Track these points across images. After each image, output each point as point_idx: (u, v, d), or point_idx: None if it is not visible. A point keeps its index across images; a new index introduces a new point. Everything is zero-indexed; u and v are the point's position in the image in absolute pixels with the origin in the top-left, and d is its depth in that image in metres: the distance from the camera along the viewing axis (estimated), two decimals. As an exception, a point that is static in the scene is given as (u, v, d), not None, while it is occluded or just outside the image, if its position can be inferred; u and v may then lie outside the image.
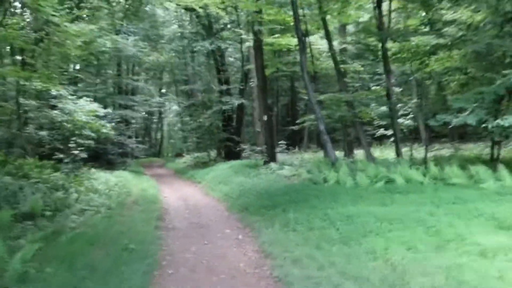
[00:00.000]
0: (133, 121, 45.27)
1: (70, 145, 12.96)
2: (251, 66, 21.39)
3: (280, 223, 8.05)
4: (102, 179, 13.33)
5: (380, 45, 13.26)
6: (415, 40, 12.56)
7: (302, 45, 13.42)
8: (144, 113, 33.91)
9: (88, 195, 10.44)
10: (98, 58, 25.35)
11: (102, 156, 26.28)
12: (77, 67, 26.80)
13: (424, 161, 12.51)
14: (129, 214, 9.59)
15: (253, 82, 22.12)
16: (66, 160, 12.71)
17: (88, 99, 16.08)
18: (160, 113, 53.37)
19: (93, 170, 17.46)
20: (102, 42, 20.22)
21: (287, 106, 37.51)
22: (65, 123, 13.89)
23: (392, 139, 21.17)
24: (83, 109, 14.59)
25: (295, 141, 28.30)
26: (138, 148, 32.45)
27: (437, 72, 14.75)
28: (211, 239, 7.92)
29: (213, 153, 27.36)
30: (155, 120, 57.68)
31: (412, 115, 15.76)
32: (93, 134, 14.81)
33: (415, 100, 15.81)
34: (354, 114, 14.38)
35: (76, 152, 12.60)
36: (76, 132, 13.47)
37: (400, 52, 13.68)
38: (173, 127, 53.73)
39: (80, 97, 16.02)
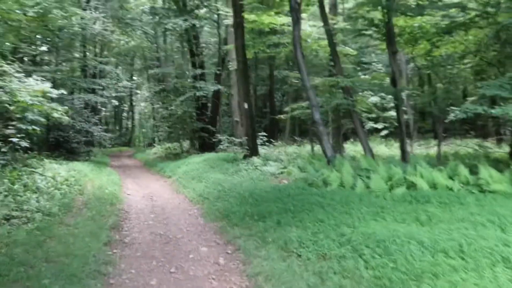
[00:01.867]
0: (99, 107, 42.51)
1: (8, 131, 10.49)
2: (230, 46, 19.10)
3: (276, 242, 5.93)
4: (50, 173, 10.90)
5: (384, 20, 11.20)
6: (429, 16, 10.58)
7: (296, 17, 11.24)
8: (109, 98, 31.09)
9: (23, 195, 8.05)
10: (57, 35, 22.64)
11: (63, 144, 23.70)
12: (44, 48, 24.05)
13: (438, 159, 10.62)
14: (73, 223, 7.27)
15: (232, 66, 19.84)
16: (3, 150, 10.25)
17: (38, 78, 13.52)
18: (131, 100, 50.54)
19: (45, 161, 14.96)
20: (59, 14, 17.67)
21: (264, 97, 35.35)
22: (5, 104, 11.34)
23: (383, 133, 19.44)
24: (29, 89, 12.04)
25: (273, 133, 26.25)
26: (104, 136, 29.71)
27: (444, 57, 12.90)
28: (181, 264, 5.72)
29: (186, 144, 25.00)
30: (125, 108, 54.77)
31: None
32: (42, 119, 12.30)
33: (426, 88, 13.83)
34: (352, 102, 12.34)
35: (15, 139, 10.15)
36: (17, 115, 10.98)
37: (406, 31, 11.69)
38: (144, 115, 50.92)
39: (30, 76, 13.44)
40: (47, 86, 13.44)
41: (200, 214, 9.14)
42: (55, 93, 13.54)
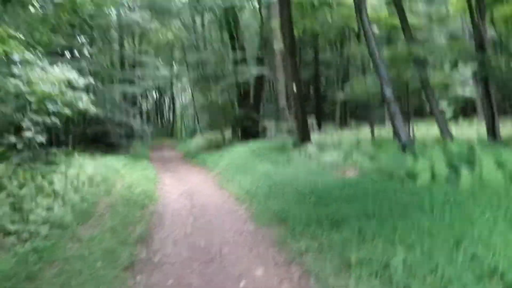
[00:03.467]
0: (140, 99, 41.69)
1: (24, 123, 9.06)
2: (274, 24, 17.13)
3: (365, 265, 4.04)
4: (75, 171, 9.43)
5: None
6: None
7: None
8: (147, 89, 29.98)
9: (31, 201, 6.52)
10: (90, 26, 21.39)
11: (101, 138, 22.67)
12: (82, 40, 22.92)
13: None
14: (88, 237, 5.65)
15: (276, 46, 17.86)
16: (19, 147, 8.85)
17: (66, 67, 12.14)
18: (172, 91, 49.58)
19: (76, 157, 13.66)
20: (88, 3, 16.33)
21: (308, 82, 33.19)
22: (26, 95, 9.96)
23: (448, 113, 17.03)
24: (51, 77, 10.63)
25: (319, 119, 24.21)
26: (144, 129, 28.59)
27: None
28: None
29: (228, 133, 23.34)
30: (167, 100, 53.98)
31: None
32: (66, 110, 10.85)
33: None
34: (425, 76, 10.17)
35: (29, 134, 8.70)
36: (34, 106, 9.55)
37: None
38: (186, 106, 49.84)
39: (54, 64, 12.07)
40: (73, 74, 12.09)
41: (249, 216, 7.34)
42: (81, 82, 12.16)
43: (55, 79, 9.92)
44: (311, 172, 8.96)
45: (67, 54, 22.20)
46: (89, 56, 24.79)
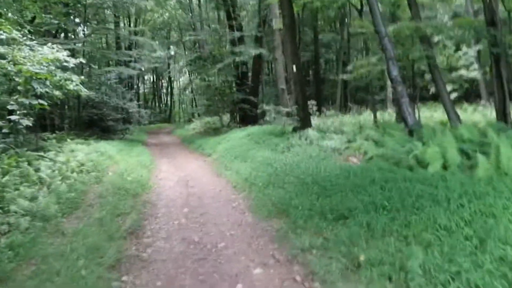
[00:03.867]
0: (137, 82, 40.98)
1: (10, 106, 8.54)
2: (272, 1, 16.48)
3: (376, 266, 3.61)
4: (64, 157, 8.95)
5: None
6: None
7: None
8: (143, 71, 29.37)
9: (14, 190, 6.05)
10: (84, 5, 20.66)
11: (97, 123, 22.15)
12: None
13: None
14: (72, 230, 5.20)
15: (275, 24, 17.22)
16: (4, 130, 8.34)
17: (55, 46, 11.55)
18: (170, 75, 48.79)
19: (68, 141, 13.17)
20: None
21: (307, 63, 32.45)
22: (12, 75, 9.42)
23: (452, 95, 16.48)
24: (39, 57, 10.06)
25: (319, 103, 23.62)
26: (141, 113, 28.02)
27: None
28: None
29: (226, 118, 22.82)
30: (164, 83, 53.26)
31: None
32: (56, 92, 10.30)
33: None
34: (432, 55, 9.65)
35: (15, 117, 8.18)
36: (21, 88, 9.00)
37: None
38: (183, 90, 49.17)
39: (44, 44, 11.49)
40: (63, 54, 11.52)
41: (247, 206, 6.91)
42: (72, 62, 11.60)
43: (43, 59, 9.35)
44: (313, 158, 8.49)
45: (61, 35, 21.61)
46: (83, 36, 24.22)
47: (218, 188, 8.79)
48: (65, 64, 11.51)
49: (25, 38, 11.01)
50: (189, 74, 34.35)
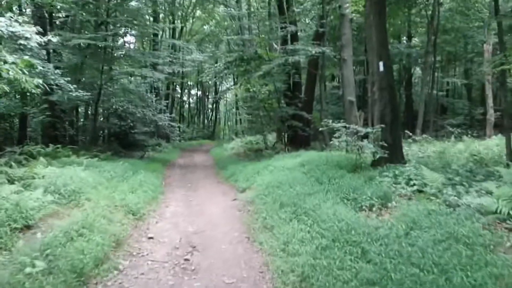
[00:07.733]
0: (178, 96, 37.29)
1: None
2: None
3: None
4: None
5: None
6: None
7: None
8: (171, 74, 25.35)
9: None
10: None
11: (119, 135, 18.35)
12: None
13: None
14: None
15: (345, 10, 12.48)
16: None
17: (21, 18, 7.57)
18: (216, 90, 45.18)
19: (41, 160, 9.05)
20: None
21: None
22: None
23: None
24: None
25: (407, 123, 18.53)
26: (173, 126, 23.24)
27: None
28: None
29: (271, 137, 18.19)
30: (210, 99, 49.67)
31: None
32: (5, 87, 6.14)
33: None
34: None
35: None
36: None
37: None
38: (231, 104, 45.48)
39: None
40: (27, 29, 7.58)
41: None
42: (35, 39, 7.60)
43: None
44: (454, 240, 3.68)
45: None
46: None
47: (245, 275, 4.14)
48: (22, 42, 7.54)
49: None
50: (234, 86, 30.13)
